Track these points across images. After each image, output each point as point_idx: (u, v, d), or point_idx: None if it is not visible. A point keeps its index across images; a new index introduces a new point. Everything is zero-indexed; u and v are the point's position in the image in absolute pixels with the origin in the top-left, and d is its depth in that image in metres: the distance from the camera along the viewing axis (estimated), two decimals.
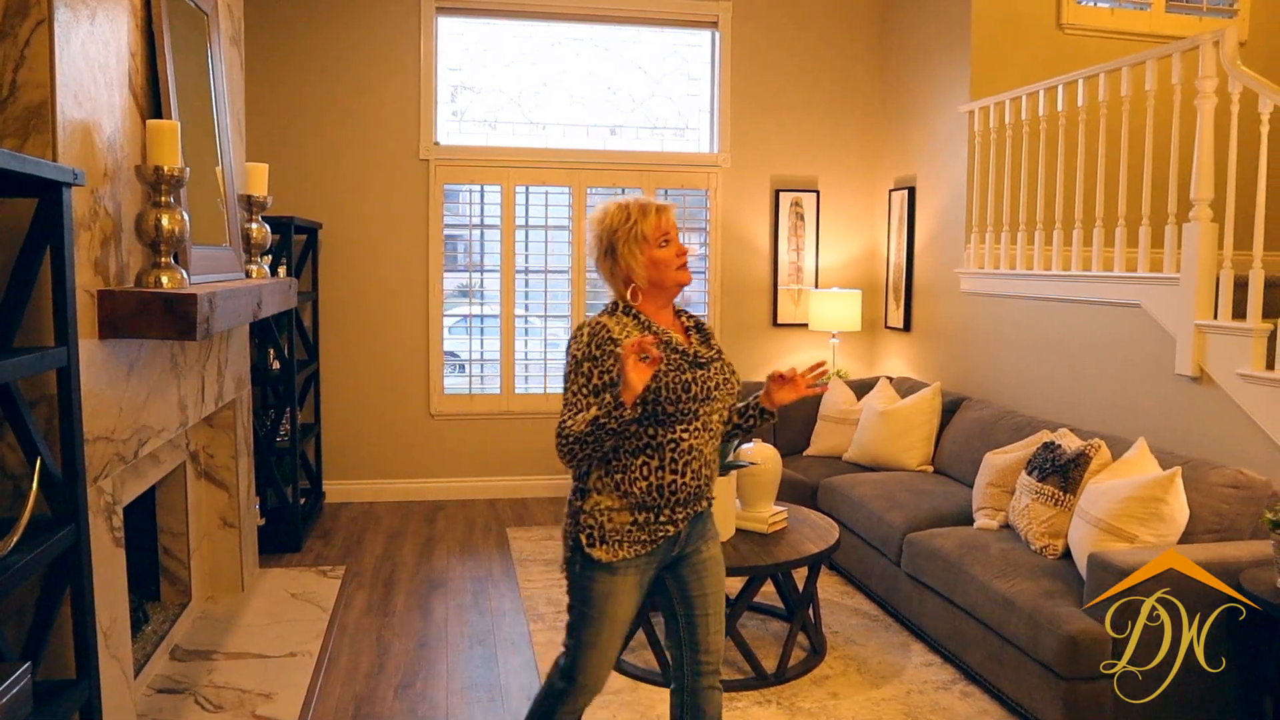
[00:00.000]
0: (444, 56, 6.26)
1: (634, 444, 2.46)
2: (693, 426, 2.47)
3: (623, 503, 2.47)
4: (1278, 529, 2.99)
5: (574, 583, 2.55)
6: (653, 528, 2.48)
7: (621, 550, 2.47)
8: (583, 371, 2.45)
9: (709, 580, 2.63)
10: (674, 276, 2.55)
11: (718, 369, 2.55)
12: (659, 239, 2.53)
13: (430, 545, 5.44)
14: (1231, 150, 3.84)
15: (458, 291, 6.47)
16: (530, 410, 6.49)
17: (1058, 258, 4.75)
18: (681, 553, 2.59)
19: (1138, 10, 5.73)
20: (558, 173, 6.40)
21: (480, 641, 4.12)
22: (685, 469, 2.47)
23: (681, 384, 2.44)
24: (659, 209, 2.55)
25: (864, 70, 6.75)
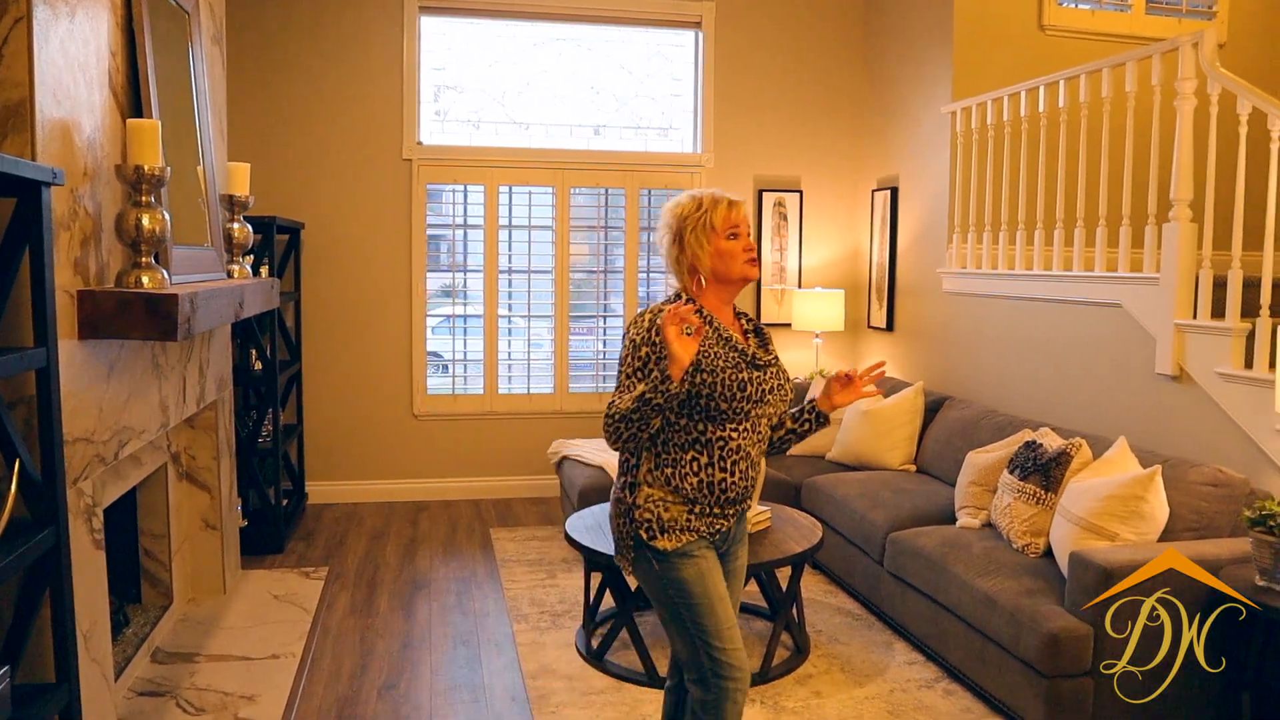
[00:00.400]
0: (427, 56, 6.25)
1: (683, 438, 2.47)
2: (742, 427, 2.48)
3: (675, 496, 2.47)
4: (1256, 527, 3.02)
5: (656, 579, 2.49)
6: (708, 519, 2.50)
7: (685, 536, 2.47)
8: (640, 355, 2.44)
9: (735, 585, 2.68)
10: (740, 270, 2.52)
11: (773, 373, 2.54)
12: (727, 230, 2.51)
13: (413, 546, 5.43)
14: (1211, 151, 3.87)
15: (441, 292, 6.46)
16: (514, 411, 6.48)
17: (1039, 258, 4.77)
18: (723, 553, 2.61)
19: (1118, 12, 5.76)
20: (541, 173, 6.39)
21: (464, 642, 4.11)
22: (734, 468, 2.48)
23: (738, 383, 2.44)
24: (731, 202, 2.53)
25: (847, 71, 6.77)
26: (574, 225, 6.50)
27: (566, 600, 4.56)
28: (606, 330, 6.64)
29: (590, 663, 3.87)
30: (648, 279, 6.64)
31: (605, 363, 6.64)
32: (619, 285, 6.60)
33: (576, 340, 6.62)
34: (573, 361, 6.58)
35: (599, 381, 6.62)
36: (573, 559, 5.11)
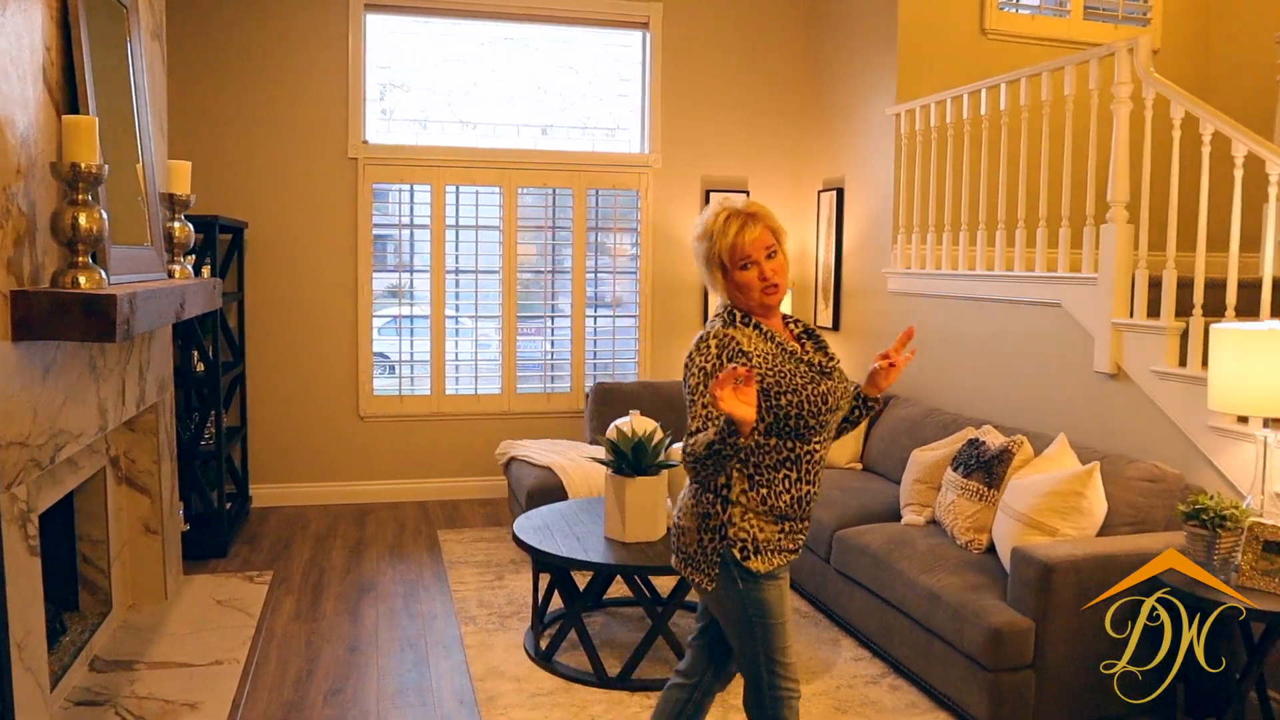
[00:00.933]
0: (373, 54, 6.19)
1: (774, 458, 2.42)
2: (822, 436, 2.47)
3: (770, 516, 2.43)
4: (1190, 520, 3.09)
5: (741, 599, 2.44)
6: (794, 535, 2.48)
7: (776, 559, 2.45)
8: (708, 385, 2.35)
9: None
10: (758, 300, 2.44)
11: (839, 377, 2.50)
12: (739, 262, 2.41)
13: (360, 549, 5.37)
14: (1146, 154, 3.96)
15: (387, 292, 6.40)
16: (461, 411, 6.44)
17: (981, 258, 4.84)
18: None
19: (1057, 17, 5.87)
20: (488, 172, 6.36)
21: (411, 645, 4.08)
22: (815, 478, 2.48)
23: (819, 396, 2.40)
24: (741, 227, 2.40)
25: (793, 72, 6.82)
26: (521, 225, 6.48)
27: (515, 601, 4.54)
28: (554, 330, 6.63)
29: (539, 664, 3.86)
30: (595, 279, 6.64)
31: (553, 363, 6.62)
32: (567, 285, 6.59)
33: (524, 341, 6.60)
34: (520, 362, 6.56)
35: (547, 382, 6.61)
36: (521, 560, 5.10)
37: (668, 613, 3.81)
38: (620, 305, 6.74)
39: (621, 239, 6.69)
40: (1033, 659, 3.24)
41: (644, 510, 3.87)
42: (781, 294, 2.46)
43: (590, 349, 6.68)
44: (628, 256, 6.72)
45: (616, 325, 6.73)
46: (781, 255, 2.46)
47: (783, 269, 2.45)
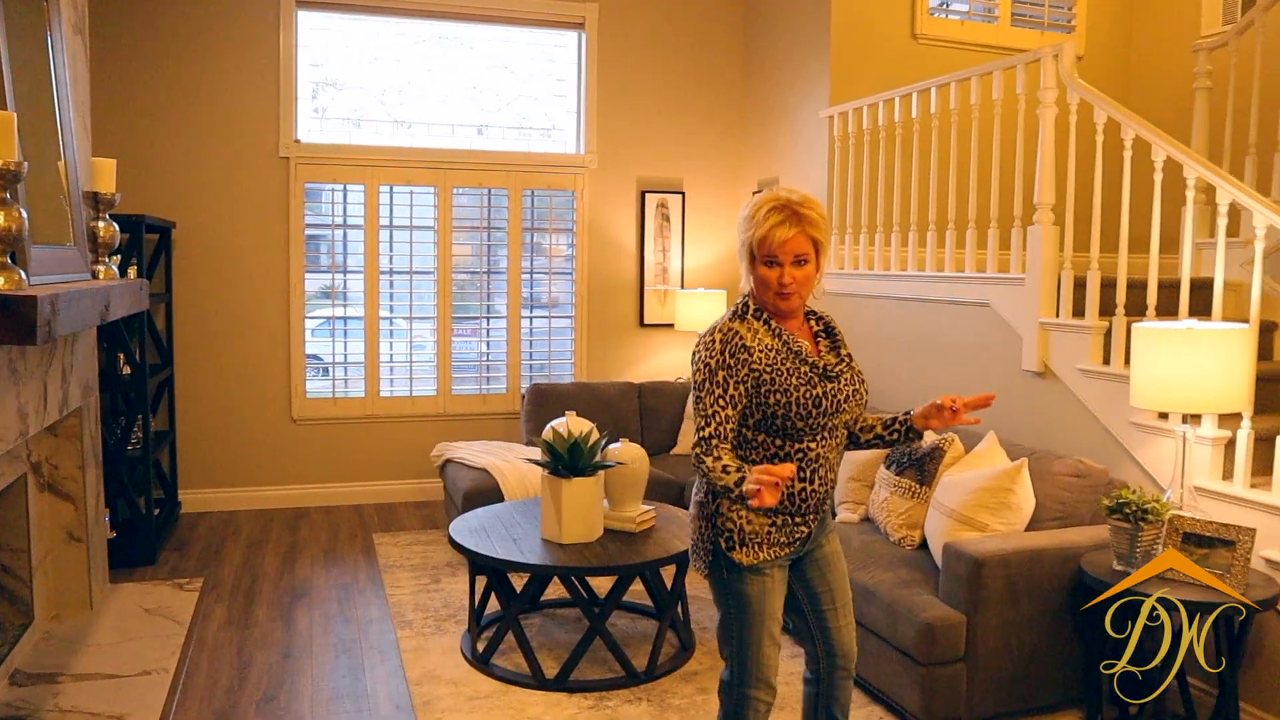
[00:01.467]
0: (305, 51, 6.10)
1: (762, 454, 2.45)
2: (820, 437, 2.45)
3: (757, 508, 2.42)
4: (1114, 514, 3.17)
5: (724, 588, 2.51)
6: (789, 529, 2.48)
7: (762, 553, 2.45)
8: (718, 381, 2.39)
9: (832, 574, 2.62)
10: (770, 301, 2.44)
11: (847, 380, 2.49)
12: (765, 256, 2.40)
13: (293, 554, 5.29)
14: (1070, 158, 4.06)
15: (320, 293, 6.31)
16: (396, 414, 6.38)
17: (913, 259, 4.92)
18: (808, 551, 2.59)
19: (986, 23, 5.98)
20: (423, 172, 6.31)
21: (346, 651, 4.03)
22: (814, 476, 2.46)
23: (812, 399, 2.40)
24: (778, 223, 2.36)
25: (728, 74, 6.87)
26: (456, 226, 6.44)
27: (451, 604, 4.51)
28: (490, 331, 6.59)
29: (476, 667, 3.84)
30: (531, 280, 6.62)
31: (489, 364, 6.59)
32: (502, 286, 6.56)
33: (460, 342, 6.56)
34: (456, 363, 6.51)
35: (483, 383, 6.57)
36: (457, 563, 5.06)
37: (605, 613, 3.81)
38: (556, 306, 6.72)
39: (557, 240, 6.68)
40: (964, 652, 3.30)
41: (580, 511, 3.87)
42: (795, 303, 2.43)
43: (526, 350, 6.66)
44: (564, 257, 6.71)
45: (552, 326, 6.71)
46: (812, 265, 2.42)
47: (806, 279, 2.42)
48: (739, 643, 2.52)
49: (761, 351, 2.40)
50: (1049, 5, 6.08)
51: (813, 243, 2.41)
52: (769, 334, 2.43)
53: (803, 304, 2.49)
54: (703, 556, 2.53)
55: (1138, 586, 3.03)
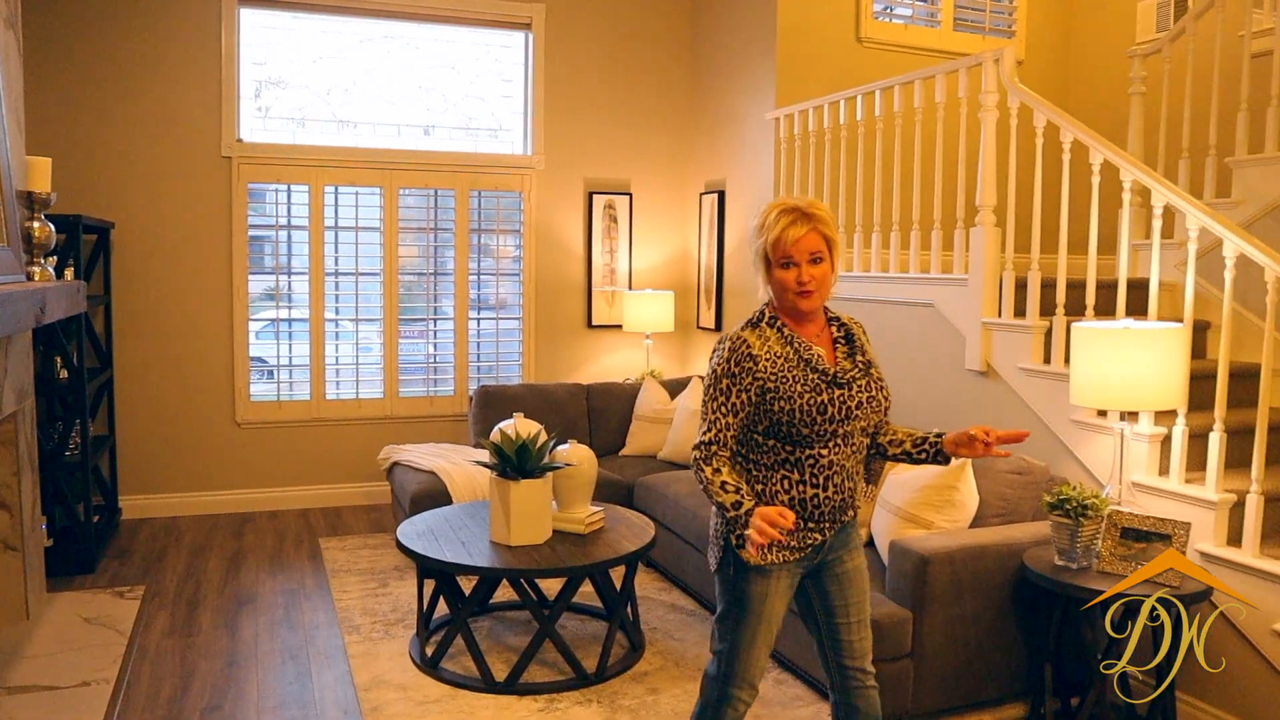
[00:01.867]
0: (247, 50, 6.02)
1: (771, 458, 2.45)
2: (832, 444, 2.43)
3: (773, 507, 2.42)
4: (1055, 510, 3.24)
5: (727, 585, 2.52)
6: (800, 534, 2.46)
7: (770, 554, 2.45)
8: (721, 389, 2.42)
9: (851, 590, 2.58)
10: (790, 302, 2.44)
11: (861, 386, 2.46)
12: (780, 259, 2.42)
13: (238, 559, 5.22)
14: (1011, 160, 4.13)
15: (264, 295, 6.23)
16: (343, 416, 6.32)
17: (858, 260, 4.97)
18: (823, 560, 2.55)
19: (929, 28, 6.07)
20: (368, 173, 6.25)
21: (293, 657, 3.99)
22: (827, 483, 2.44)
23: (816, 406, 2.39)
24: (789, 224, 2.40)
25: (675, 75, 6.89)
26: (403, 227, 6.39)
27: (400, 609, 4.48)
28: (437, 333, 6.55)
29: (425, 671, 3.81)
30: (478, 281, 6.59)
31: (436, 366, 6.55)
32: (449, 287, 6.52)
33: (407, 344, 6.51)
34: (403, 365, 6.46)
35: (430, 385, 6.53)
36: (405, 566, 5.02)
37: (554, 615, 3.81)
38: (504, 307, 6.70)
39: (505, 240, 6.66)
40: (911, 648, 3.34)
41: (529, 513, 3.86)
42: (816, 301, 2.44)
43: (474, 351, 6.62)
44: (511, 258, 6.68)
45: (500, 328, 6.69)
46: (828, 264, 2.44)
47: (823, 277, 2.43)
48: (732, 640, 2.53)
49: (768, 360, 2.41)
50: (990, 10, 6.18)
51: (825, 240, 2.43)
52: (780, 342, 2.44)
53: (822, 303, 2.49)
54: (715, 551, 2.55)
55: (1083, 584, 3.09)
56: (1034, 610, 3.43)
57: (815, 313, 2.50)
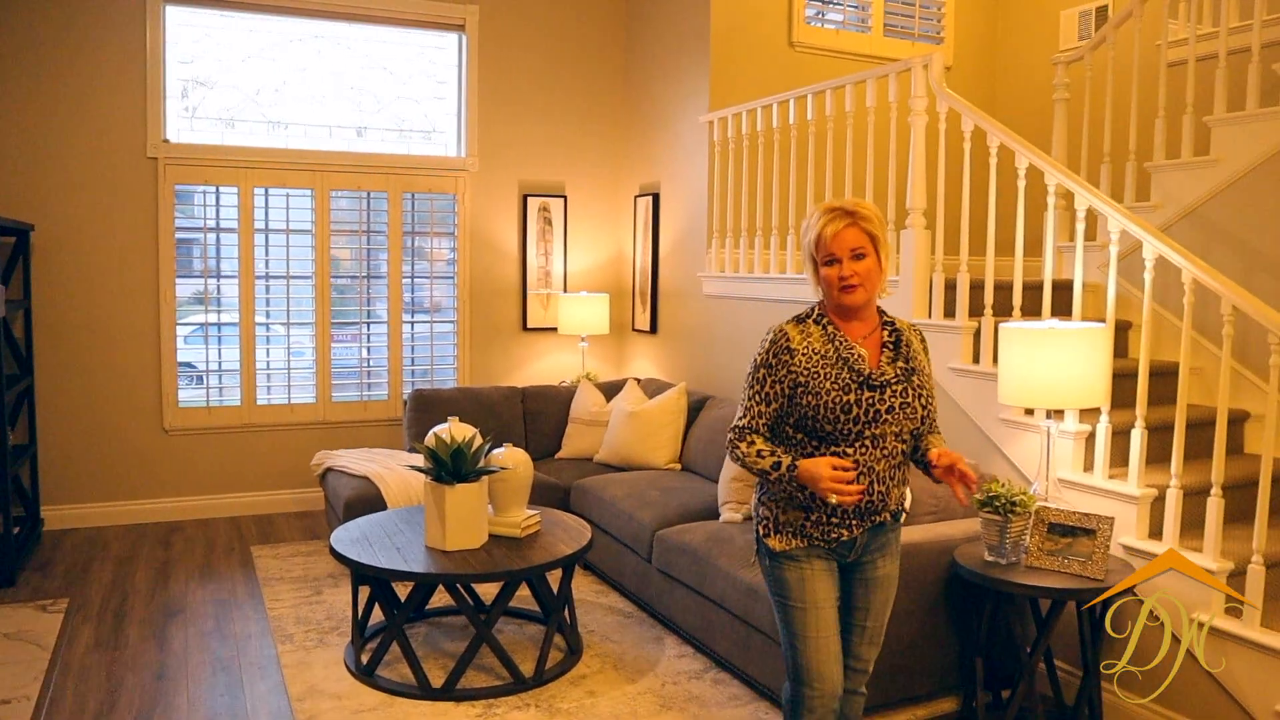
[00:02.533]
0: (173, 48, 5.89)
1: (799, 452, 2.48)
2: (859, 445, 2.44)
3: (790, 502, 2.49)
4: (984, 508, 3.30)
5: (768, 578, 2.57)
6: (824, 527, 2.49)
7: (795, 540, 2.48)
8: (758, 378, 2.50)
9: (874, 595, 2.59)
10: (835, 299, 2.48)
11: (897, 392, 2.47)
12: (825, 257, 2.46)
13: (166, 570, 5.11)
14: (941, 164, 4.20)
15: (193, 299, 6.10)
16: (274, 422, 6.22)
17: (791, 261, 5.02)
18: (857, 560, 2.57)
19: (859, 33, 6.15)
20: (299, 174, 6.16)
21: (224, 669, 3.91)
22: (852, 484, 2.42)
23: (841, 405, 2.41)
24: (830, 222, 2.44)
25: (610, 78, 6.90)
26: (335, 229, 6.31)
27: (334, 616, 4.42)
28: (370, 337, 6.48)
29: (360, 679, 3.77)
30: (412, 284, 6.53)
31: (370, 370, 6.48)
32: (383, 291, 6.45)
33: (340, 348, 6.43)
34: (336, 370, 6.38)
35: (364, 390, 6.45)
36: (340, 573, 4.96)
37: (491, 620, 3.79)
38: (438, 310, 6.65)
39: (439, 243, 6.61)
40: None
41: (465, 518, 3.83)
42: (861, 296, 2.45)
43: (408, 355, 6.56)
44: (445, 261, 6.64)
45: (435, 331, 6.64)
46: (873, 260, 2.45)
47: (869, 272, 2.45)
48: (787, 638, 2.55)
49: (805, 355, 2.46)
50: (919, 17, 6.29)
51: (869, 237, 2.45)
52: (823, 339, 2.49)
53: (869, 299, 2.50)
54: (755, 544, 2.61)
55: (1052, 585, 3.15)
56: (965, 605, 3.49)
57: (864, 311, 2.52)
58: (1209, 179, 4.37)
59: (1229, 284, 3.24)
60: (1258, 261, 4.17)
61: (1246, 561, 3.14)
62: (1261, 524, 3.10)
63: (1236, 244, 4.26)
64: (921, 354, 2.58)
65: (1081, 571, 3.19)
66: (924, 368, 2.55)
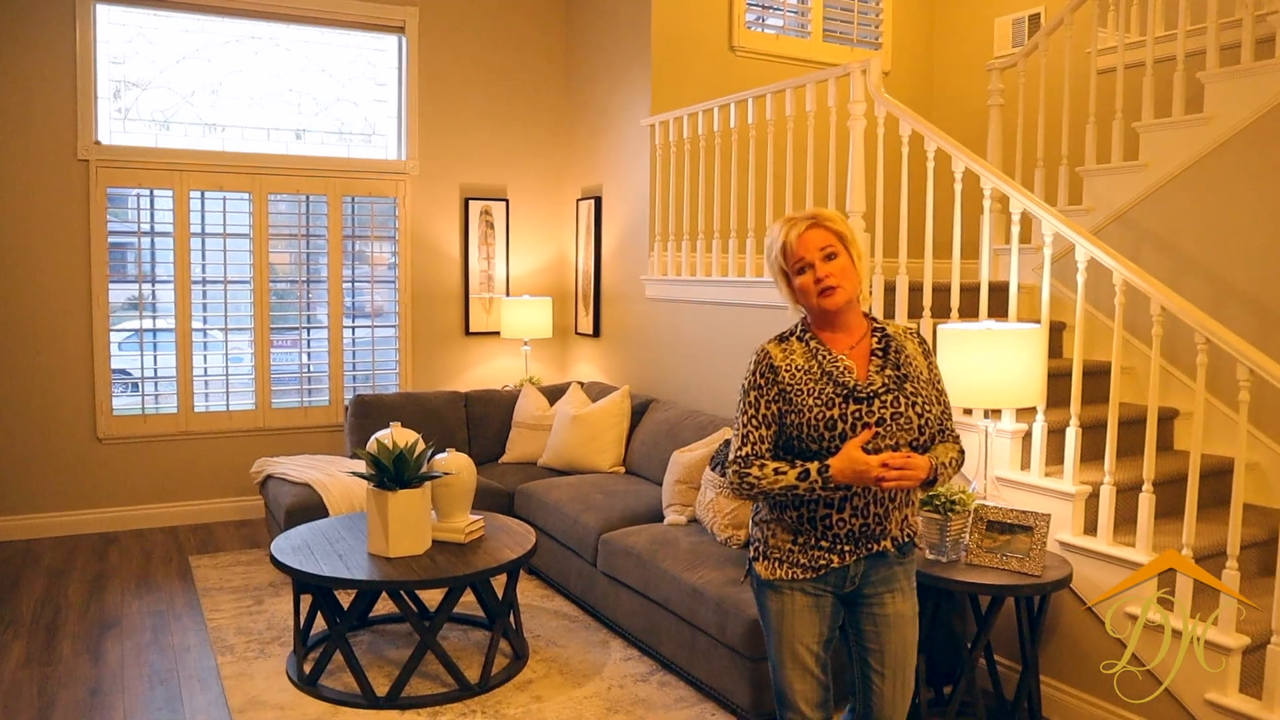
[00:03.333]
0: (105, 47, 5.77)
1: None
2: None
3: (780, 524, 2.40)
4: (925, 507, 3.35)
5: (755, 600, 2.50)
6: (813, 553, 2.37)
7: (780, 570, 2.39)
8: (750, 401, 2.38)
9: (889, 637, 2.43)
10: (815, 303, 2.36)
11: (887, 402, 2.33)
12: (795, 266, 2.36)
13: (101, 582, 5.00)
14: (879, 167, 4.26)
15: (127, 304, 5.98)
16: (213, 429, 6.11)
17: (732, 264, 5.05)
18: (857, 594, 2.43)
19: (799, 38, 6.21)
20: (237, 177, 6.07)
21: (162, 682, 3.84)
22: (844, 504, 2.33)
23: (825, 421, 2.30)
24: (791, 229, 2.35)
25: (552, 81, 6.89)
26: (274, 233, 6.22)
27: (276, 626, 4.36)
28: (311, 342, 6.40)
29: (303, 689, 3.72)
30: (353, 289, 6.47)
31: (310, 376, 6.39)
32: (323, 295, 6.38)
33: (279, 353, 6.34)
34: (275, 375, 6.29)
35: (304, 396, 6.37)
36: (281, 582, 4.89)
37: (435, 626, 3.76)
38: (379, 315, 6.59)
39: (380, 247, 6.55)
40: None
41: (408, 524, 3.80)
42: (841, 297, 2.35)
43: (349, 360, 6.49)
44: (386, 265, 6.58)
45: (376, 336, 6.57)
46: (846, 258, 2.35)
47: (844, 271, 2.34)
48: (771, 662, 2.50)
49: (788, 371, 2.36)
50: (858, 23, 6.37)
51: (836, 235, 2.35)
52: (805, 354, 2.39)
53: (850, 301, 2.38)
54: (748, 566, 2.53)
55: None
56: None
57: (848, 319, 2.42)
58: (1138, 183, 4.48)
59: (1158, 285, 3.32)
60: (1185, 263, 4.29)
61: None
62: (1190, 518, 3.19)
63: (1165, 246, 4.37)
64: (919, 358, 2.44)
65: (1020, 568, 3.25)
66: (922, 373, 2.41)
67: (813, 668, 2.44)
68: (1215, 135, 4.19)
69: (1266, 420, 3.75)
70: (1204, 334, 3.15)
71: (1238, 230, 4.13)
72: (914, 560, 2.48)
